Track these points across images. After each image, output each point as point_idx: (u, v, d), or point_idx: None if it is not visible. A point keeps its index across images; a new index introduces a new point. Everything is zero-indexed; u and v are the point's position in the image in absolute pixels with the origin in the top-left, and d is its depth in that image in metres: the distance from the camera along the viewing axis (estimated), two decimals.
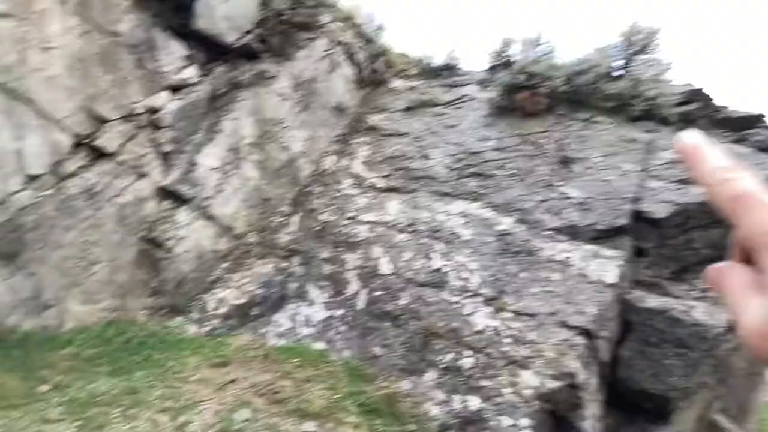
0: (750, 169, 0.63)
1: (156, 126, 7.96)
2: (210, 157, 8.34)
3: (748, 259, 0.61)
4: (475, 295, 7.05)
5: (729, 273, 0.64)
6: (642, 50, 11.15)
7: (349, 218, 8.69)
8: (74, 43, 7.19)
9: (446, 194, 8.68)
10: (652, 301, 7.07)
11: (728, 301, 0.62)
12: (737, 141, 9.31)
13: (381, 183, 9.30)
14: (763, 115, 10.01)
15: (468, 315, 6.82)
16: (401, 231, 8.21)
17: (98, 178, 7.27)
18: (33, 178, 6.77)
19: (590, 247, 7.46)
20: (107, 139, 7.42)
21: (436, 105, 11.04)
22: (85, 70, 7.29)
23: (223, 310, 7.71)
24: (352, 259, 8.03)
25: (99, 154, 7.38)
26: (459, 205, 8.41)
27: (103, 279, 7.19)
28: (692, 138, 0.68)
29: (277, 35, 9.56)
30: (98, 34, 7.46)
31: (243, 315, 7.75)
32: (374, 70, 12.16)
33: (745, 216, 0.59)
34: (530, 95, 9.91)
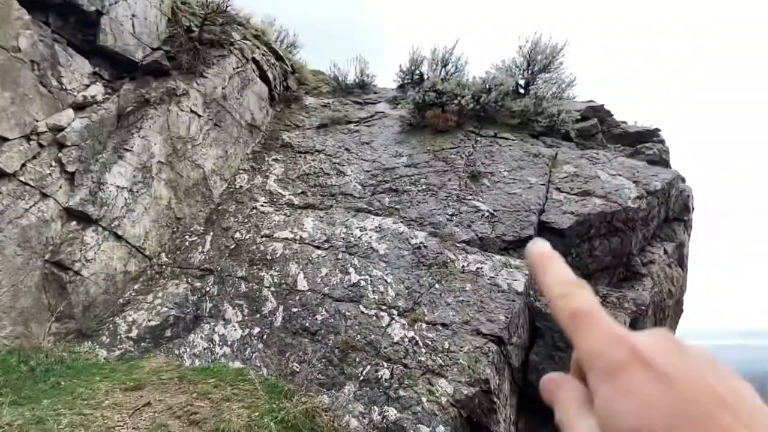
0: (587, 287, 0.62)
1: (60, 145, 7.68)
2: (118, 177, 8.12)
3: (582, 375, 0.59)
4: (392, 307, 7.18)
5: (563, 386, 0.62)
6: (544, 69, 11.75)
7: (265, 236, 8.65)
8: None
9: (361, 210, 8.80)
10: None
11: (558, 415, 0.60)
12: (632, 155, 9.94)
13: (296, 200, 9.32)
14: (658, 130, 10.72)
15: (385, 327, 6.94)
16: (318, 247, 8.25)
17: None
18: None
19: (500, 258, 7.75)
20: (6, 159, 7.10)
21: (349, 122, 11.18)
22: None
23: (135, 332, 7.49)
24: (268, 276, 8.00)
25: None
26: (374, 221, 8.54)
27: (5, 305, 6.84)
28: (539, 248, 0.67)
29: (187, 52, 9.44)
30: None
31: (156, 337, 7.55)
32: (287, 87, 12.20)
33: (579, 334, 0.58)
34: (440, 112, 10.21)
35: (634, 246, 8.65)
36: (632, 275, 8.67)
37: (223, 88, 9.99)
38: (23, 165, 7.29)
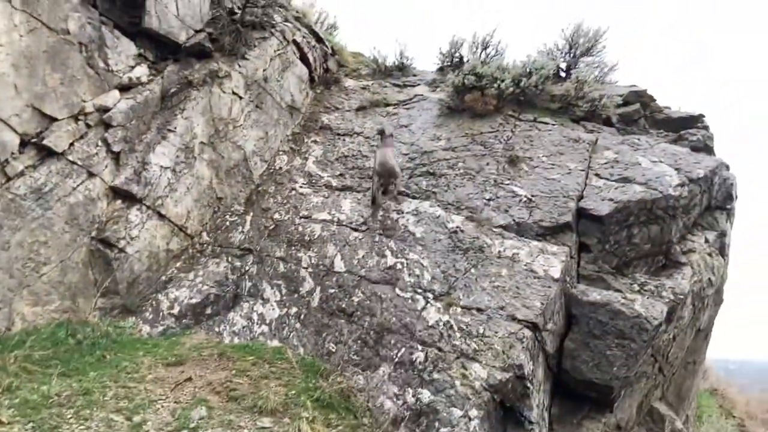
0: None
1: (106, 125, 7.90)
2: (162, 157, 8.31)
3: None
4: (427, 291, 7.24)
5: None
6: (586, 52, 11.55)
7: (303, 217, 8.77)
8: (21, 40, 7.08)
9: (399, 192, 8.83)
10: (595, 294, 7.38)
11: None
12: (675, 141, 9.74)
13: (334, 182, 9.41)
14: (702, 116, 10.45)
15: (420, 311, 7.01)
16: (355, 229, 8.34)
17: (47, 178, 7.18)
18: None
19: (537, 244, 7.73)
20: (56, 138, 7.33)
21: (388, 105, 11.19)
22: (33, 68, 7.18)
23: (176, 309, 7.72)
24: (306, 257, 8.13)
25: (48, 153, 7.29)
26: (411, 204, 8.58)
27: (53, 280, 7.11)
28: None
29: (229, 34, 9.56)
30: (46, 32, 7.35)
31: (197, 314, 7.77)
32: (327, 69, 12.26)
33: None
34: (479, 96, 10.15)
35: (674, 234, 8.52)
36: (672, 264, 8.54)
37: (264, 70, 10.10)
38: (71, 144, 7.52)
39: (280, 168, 9.94)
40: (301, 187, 9.43)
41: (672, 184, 8.30)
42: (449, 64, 12.18)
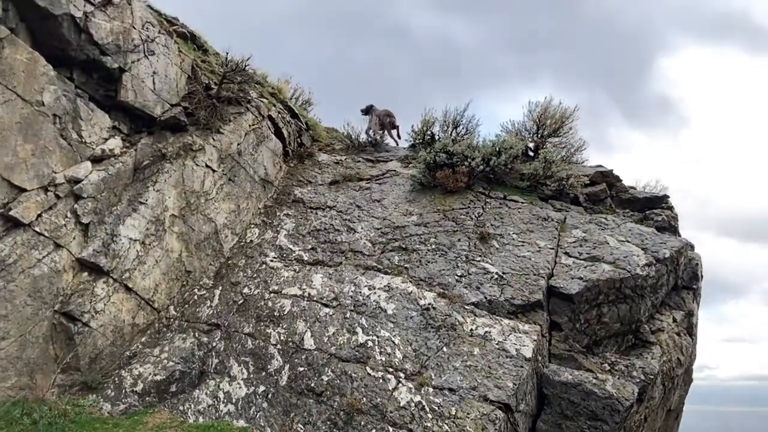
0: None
1: (77, 196, 7.81)
2: (132, 229, 8.22)
3: None
4: (399, 370, 7.14)
5: None
6: (554, 133, 11.92)
7: (273, 292, 8.67)
8: None
9: (371, 267, 8.83)
10: (567, 374, 7.35)
11: None
12: (641, 221, 9.98)
13: (306, 256, 9.37)
14: (667, 196, 10.78)
15: (392, 390, 6.88)
16: (326, 305, 8.25)
17: (11, 249, 7.03)
18: None
19: (508, 322, 7.72)
20: (23, 209, 7.23)
21: (361, 179, 11.31)
22: (4, 138, 7.15)
23: (140, 386, 7.45)
24: (275, 333, 7.99)
25: (14, 224, 7.16)
26: (383, 279, 8.56)
27: (11, 355, 6.86)
28: None
29: (205, 109, 9.67)
30: (20, 103, 7.36)
31: (161, 392, 7.51)
32: (301, 144, 12.41)
33: None
34: (451, 173, 10.33)
35: (643, 313, 8.61)
36: (641, 343, 8.60)
37: (238, 144, 10.18)
38: (39, 215, 7.41)
39: (251, 241, 9.89)
40: (272, 260, 9.36)
41: (639, 264, 8.45)
42: (421, 141, 12.43)
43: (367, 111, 13.34)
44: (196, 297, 8.84)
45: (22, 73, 7.40)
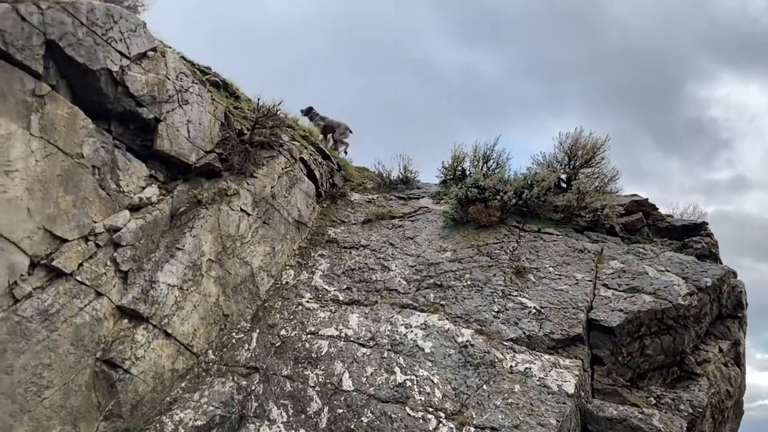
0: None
1: (116, 245, 7.98)
2: (170, 275, 8.34)
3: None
4: (439, 409, 7.04)
5: None
6: (586, 163, 11.84)
7: (310, 333, 8.68)
8: (37, 165, 7.29)
9: (406, 306, 8.79)
10: (611, 409, 7.17)
11: None
12: (680, 249, 9.79)
13: (341, 296, 9.38)
14: (705, 223, 10.58)
15: (432, 430, 6.78)
16: (363, 345, 8.22)
17: (54, 299, 7.18)
18: None
19: (549, 357, 7.60)
20: (65, 259, 7.40)
21: (393, 217, 11.36)
22: (46, 191, 7.36)
23: None
24: (313, 375, 7.97)
25: (56, 274, 7.32)
26: (419, 317, 8.52)
27: (55, 404, 6.95)
28: None
29: (238, 154, 9.85)
30: (61, 156, 7.59)
31: None
32: (333, 184, 12.54)
33: None
34: (483, 208, 10.32)
35: (687, 344, 8.39)
36: (687, 375, 8.36)
37: (272, 188, 10.33)
38: (80, 265, 7.57)
39: (287, 283, 9.95)
40: (307, 302, 9.40)
41: (681, 293, 8.27)
42: (452, 177, 12.46)
43: (308, 112, 14.10)
44: (234, 340, 8.89)
45: (63, 128, 7.66)
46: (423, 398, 7.22)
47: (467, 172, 12.38)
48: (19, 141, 7.16)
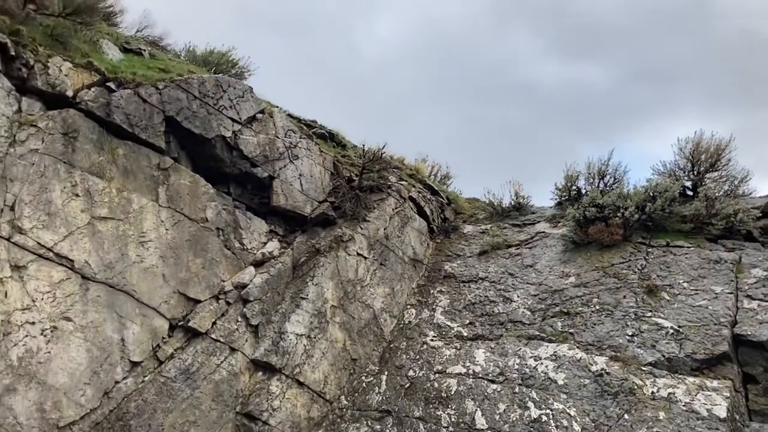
0: None
1: (244, 300, 8.36)
2: (297, 325, 8.60)
3: None
4: None
5: None
6: (711, 168, 11.10)
7: (438, 372, 8.61)
8: (167, 233, 7.84)
9: (533, 337, 8.55)
10: None
11: None
12: None
13: (465, 331, 9.27)
14: None
15: None
16: (492, 381, 8.05)
17: (194, 358, 7.60)
18: (135, 365, 7.17)
19: (693, 380, 7.10)
20: (200, 319, 7.84)
21: (509, 246, 11.14)
22: (177, 257, 7.87)
23: None
24: (445, 415, 7.88)
25: (193, 334, 7.77)
26: (548, 348, 8.24)
27: None
28: None
29: (349, 200, 10.10)
30: (188, 222, 8.11)
31: None
32: (444, 219, 12.52)
33: None
34: (604, 227, 9.90)
35: None
36: None
37: (384, 229, 10.47)
38: (214, 323, 8.00)
39: (410, 322, 9.96)
40: (432, 340, 9.35)
41: None
42: (567, 197, 12.07)
43: None
44: (364, 384, 8.98)
45: (187, 196, 8.20)
46: None
47: (583, 191, 11.95)
48: (150, 213, 7.74)
